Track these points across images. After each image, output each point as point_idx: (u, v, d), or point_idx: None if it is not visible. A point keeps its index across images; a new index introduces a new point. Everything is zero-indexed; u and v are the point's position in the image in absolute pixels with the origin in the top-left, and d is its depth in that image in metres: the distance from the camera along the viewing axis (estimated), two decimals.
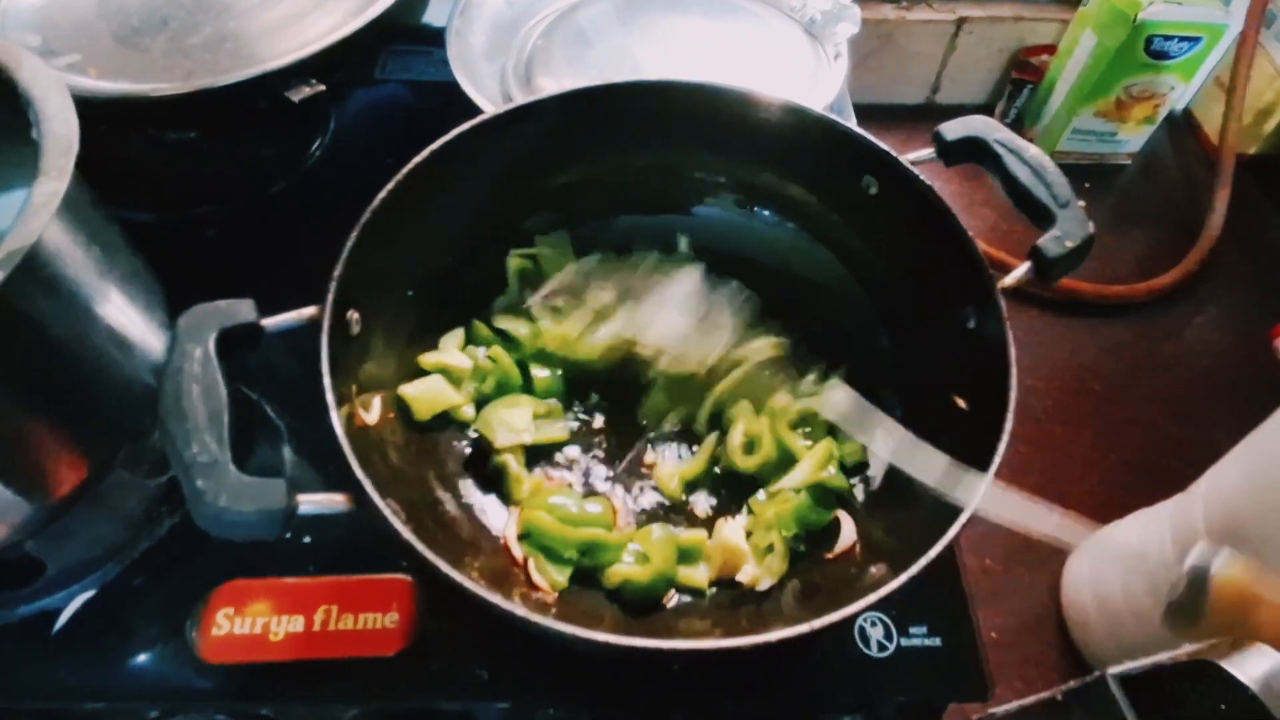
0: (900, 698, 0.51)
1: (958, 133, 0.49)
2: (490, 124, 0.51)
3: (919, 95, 1.14)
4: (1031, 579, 0.75)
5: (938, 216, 0.48)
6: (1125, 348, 0.95)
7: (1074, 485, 0.80)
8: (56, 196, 0.39)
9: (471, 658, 0.49)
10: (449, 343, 0.54)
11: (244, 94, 0.60)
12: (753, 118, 0.54)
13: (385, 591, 0.50)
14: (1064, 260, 0.44)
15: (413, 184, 0.48)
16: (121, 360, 0.47)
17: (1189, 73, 1.03)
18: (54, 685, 0.48)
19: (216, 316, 0.37)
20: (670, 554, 0.47)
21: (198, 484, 0.32)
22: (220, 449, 0.33)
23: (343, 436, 0.37)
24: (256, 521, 0.33)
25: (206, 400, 0.34)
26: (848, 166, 0.53)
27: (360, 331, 0.45)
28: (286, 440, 0.59)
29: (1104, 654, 0.65)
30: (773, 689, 0.50)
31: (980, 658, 0.50)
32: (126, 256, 0.49)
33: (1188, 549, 0.58)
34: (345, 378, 0.43)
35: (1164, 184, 1.10)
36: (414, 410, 0.51)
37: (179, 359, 0.35)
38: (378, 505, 0.35)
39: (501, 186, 0.55)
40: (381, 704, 0.50)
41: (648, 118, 0.56)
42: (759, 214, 0.59)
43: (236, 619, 0.49)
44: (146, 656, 0.49)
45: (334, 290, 0.41)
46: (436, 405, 0.52)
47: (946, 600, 0.52)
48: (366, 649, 0.48)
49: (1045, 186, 0.45)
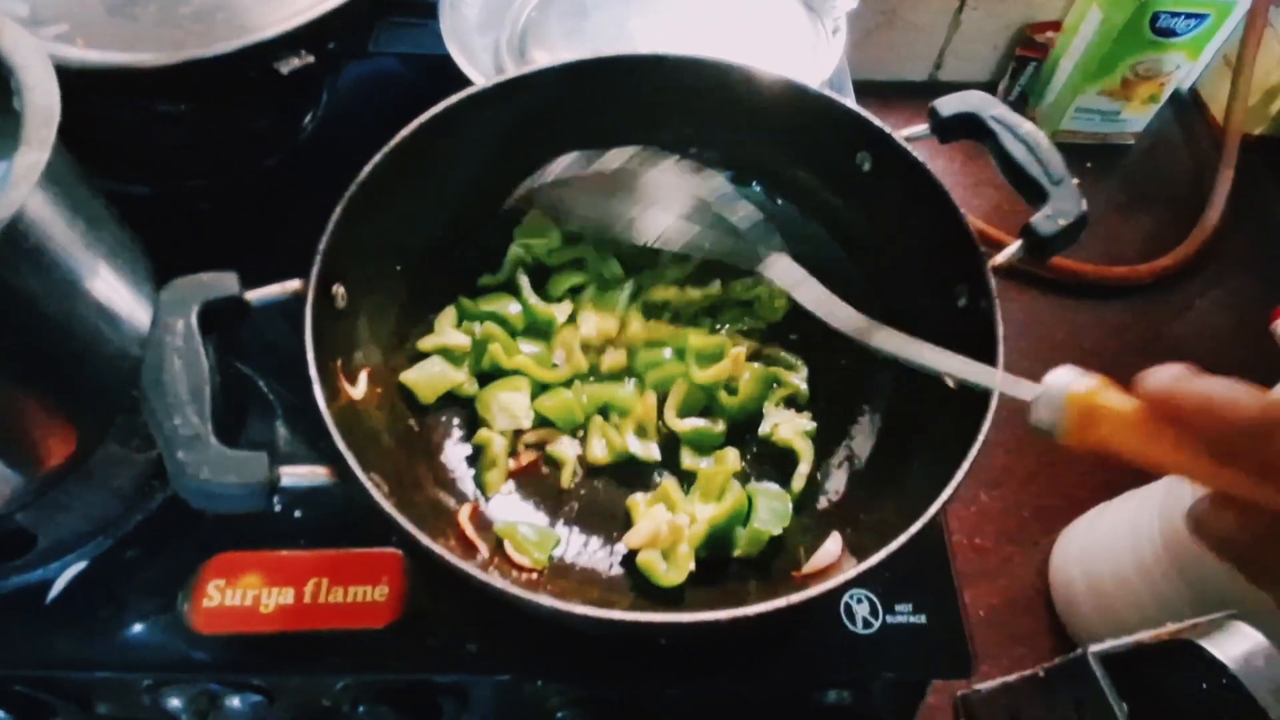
0: (886, 674, 0.51)
1: (953, 108, 0.48)
2: (481, 96, 0.51)
3: (922, 72, 1.12)
4: (1022, 558, 0.75)
5: (931, 193, 0.47)
6: (1126, 329, 0.94)
7: (1069, 467, 0.80)
8: (38, 167, 0.39)
9: (462, 631, 0.49)
10: (444, 323, 0.54)
11: (233, 65, 0.59)
12: (747, 92, 0.53)
13: (375, 565, 0.51)
14: (1056, 238, 0.43)
15: (401, 156, 0.47)
16: (109, 334, 0.47)
17: (1195, 51, 1.01)
18: (47, 655, 0.49)
19: (199, 289, 0.37)
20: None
21: (179, 456, 0.32)
22: (202, 422, 0.33)
23: (325, 409, 0.37)
24: (238, 494, 0.33)
25: (188, 374, 0.34)
26: (841, 142, 0.52)
27: (346, 306, 0.45)
28: (280, 415, 0.59)
29: (1091, 633, 0.66)
30: (762, 666, 0.50)
31: (965, 635, 0.50)
32: (113, 229, 0.49)
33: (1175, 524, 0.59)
34: (330, 352, 0.42)
35: (1168, 164, 1.09)
36: (418, 395, 0.51)
37: (160, 332, 0.35)
38: (359, 478, 0.35)
39: (493, 161, 0.54)
40: (371, 676, 0.50)
41: (641, 91, 0.55)
42: (751, 189, 0.59)
43: (228, 590, 0.50)
44: (139, 627, 0.49)
45: (319, 264, 0.41)
46: (440, 387, 0.52)
47: (932, 578, 0.52)
48: (356, 621, 0.49)
49: (1039, 163, 0.45)
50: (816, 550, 0.45)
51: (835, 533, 0.46)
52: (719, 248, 0.51)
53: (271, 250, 0.51)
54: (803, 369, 0.54)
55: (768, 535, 0.46)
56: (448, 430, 0.53)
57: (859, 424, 0.52)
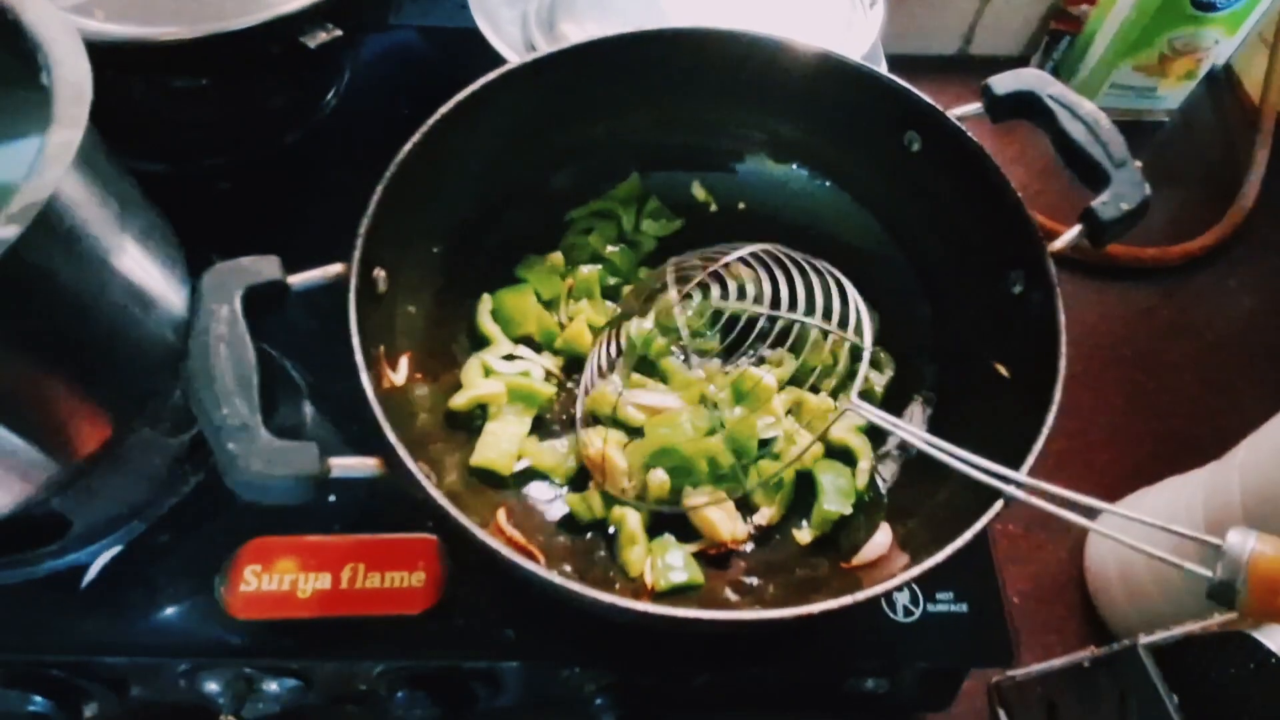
0: (925, 663, 0.51)
1: (1008, 86, 0.46)
2: (517, 73, 0.49)
3: (951, 45, 1.09)
4: (1054, 544, 0.74)
5: (985, 176, 0.46)
6: (1156, 312, 0.92)
7: (1100, 452, 0.79)
8: (71, 147, 0.38)
9: (497, 617, 0.49)
10: (472, 372, 0.51)
11: (258, 39, 0.57)
12: (789, 68, 0.52)
13: (411, 551, 0.50)
14: (1118, 224, 0.42)
15: (438, 137, 0.46)
16: (142, 317, 0.46)
17: (1234, 26, 0.98)
18: (83, 639, 0.49)
19: (241, 275, 0.36)
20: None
21: (229, 448, 0.31)
22: (250, 412, 0.32)
23: (374, 400, 0.36)
24: (290, 486, 0.32)
25: (234, 362, 0.33)
26: (889, 122, 0.51)
27: (387, 289, 0.44)
28: (307, 396, 0.59)
29: (1127, 621, 0.65)
30: (797, 653, 0.50)
31: (1006, 623, 0.50)
32: (143, 209, 0.48)
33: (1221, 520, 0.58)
34: (373, 338, 0.42)
35: (1202, 143, 1.06)
36: (499, 471, 0.49)
37: (204, 319, 0.34)
38: (410, 469, 0.34)
39: (527, 140, 0.53)
40: (408, 662, 0.50)
41: (678, 68, 0.53)
42: (796, 171, 0.57)
43: (264, 576, 0.49)
44: (174, 612, 0.49)
45: (360, 247, 0.40)
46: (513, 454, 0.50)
47: (974, 566, 0.51)
48: (393, 607, 0.49)
49: (1100, 145, 0.43)
50: (866, 542, 0.44)
51: (885, 524, 0.45)
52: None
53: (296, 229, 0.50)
54: (890, 371, 0.52)
55: (836, 516, 0.45)
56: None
57: (908, 414, 0.51)
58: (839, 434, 0.50)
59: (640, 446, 0.48)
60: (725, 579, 0.47)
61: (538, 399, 0.51)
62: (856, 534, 0.46)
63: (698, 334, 0.53)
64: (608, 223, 0.57)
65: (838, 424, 0.49)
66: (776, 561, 0.47)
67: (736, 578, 0.47)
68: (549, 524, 0.48)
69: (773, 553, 0.48)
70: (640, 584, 0.45)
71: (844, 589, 0.36)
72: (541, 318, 0.54)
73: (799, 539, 0.48)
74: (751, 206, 0.59)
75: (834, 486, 0.47)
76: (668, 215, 0.59)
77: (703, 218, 0.59)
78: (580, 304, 0.54)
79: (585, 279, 0.55)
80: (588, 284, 0.55)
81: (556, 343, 0.54)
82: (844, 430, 0.50)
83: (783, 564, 0.47)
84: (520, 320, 0.54)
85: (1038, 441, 0.37)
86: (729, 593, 0.45)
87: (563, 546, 0.47)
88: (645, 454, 0.48)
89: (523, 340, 0.54)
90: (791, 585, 0.45)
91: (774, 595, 0.45)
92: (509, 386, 0.50)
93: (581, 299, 0.55)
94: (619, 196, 0.58)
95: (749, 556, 0.48)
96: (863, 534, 0.45)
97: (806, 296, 0.48)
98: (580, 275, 0.55)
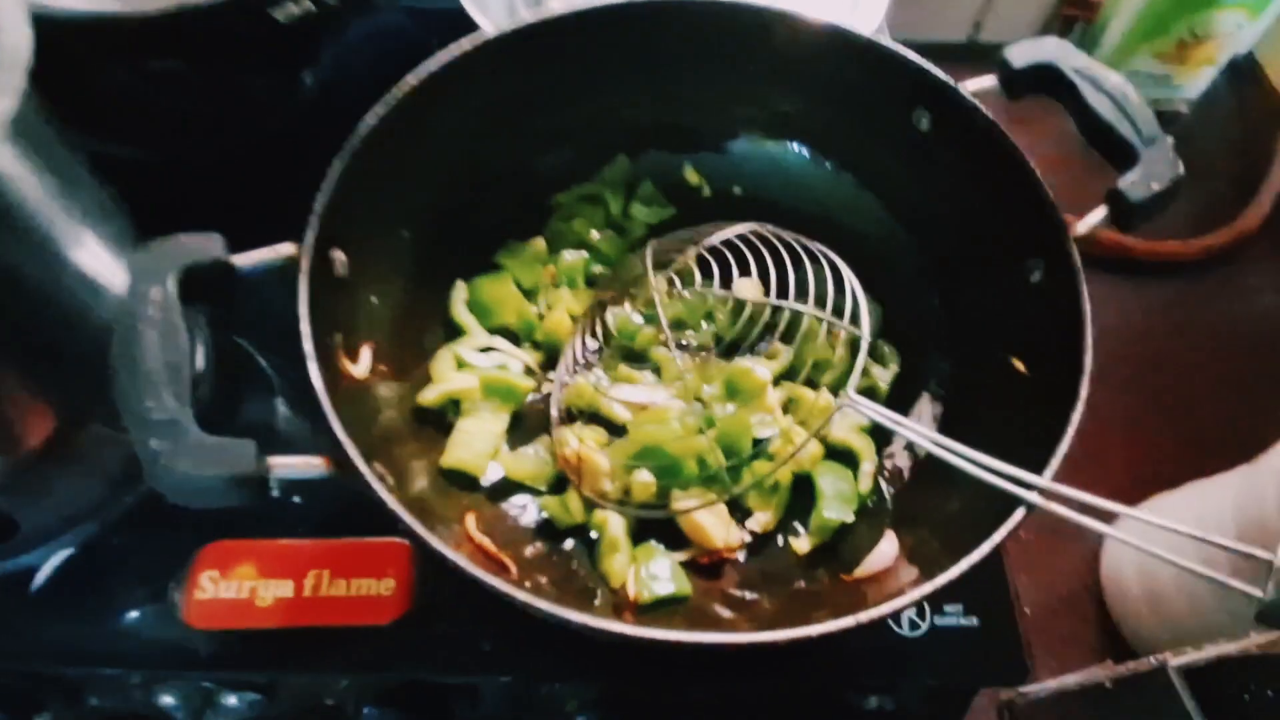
0: (933, 681, 0.47)
1: (1027, 58, 0.43)
2: (494, 44, 0.46)
3: (959, 33, 1.06)
4: (1067, 549, 0.71)
5: (1002, 155, 0.43)
6: (1174, 309, 0.89)
7: (1115, 454, 0.76)
8: (5, 117, 0.35)
9: (473, 628, 0.46)
10: (443, 365, 0.48)
11: (227, 15, 0.54)
12: (790, 41, 0.49)
13: (380, 556, 0.48)
14: (1147, 205, 0.39)
15: (407, 109, 0.43)
16: (91, 303, 0.44)
17: (1257, 10, 0.94)
18: (33, 647, 0.46)
19: (179, 253, 0.33)
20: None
21: (151, 444, 0.28)
22: (180, 405, 0.29)
23: (321, 391, 0.33)
24: (220, 487, 0.29)
25: (165, 349, 0.30)
26: (896, 98, 0.47)
27: (348, 274, 0.41)
28: (279, 392, 0.56)
29: (1149, 636, 0.62)
30: (794, 668, 0.47)
31: (1019, 638, 0.47)
32: (93, 190, 0.45)
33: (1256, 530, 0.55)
34: (329, 325, 0.39)
35: (1222, 134, 1.03)
36: (471, 473, 0.46)
37: (132, 301, 0.31)
38: (361, 470, 0.31)
39: (508, 117, 0.50)
40: (377, 675, 0.48)
41: (671, 41, 0.50)
42: (795, 151, 0.54)
43: (222, 582, 0.47)
44: (130, 619, 0.47)
45: (315, 226, 0.37)
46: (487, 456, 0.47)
47: (985, 577, 0.48)
48: (360, 617, 0.46)
49: (1129, 121, 0.40)
50: (870, 552, 0.41)
51: (890, 532, 0.42)
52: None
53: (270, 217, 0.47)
54: (894, 365, 0.49)
55: (836, 524, 0.42)
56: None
57: (916, 413, 0.48)
58: (840, 433, 0.46)
59: (623, 445, 0.45)
60: (716, 590, 0.44)
61: (516, 394, 0.48)
62: (859, 543, 0.43)
63: (682, 324, 0.49)
64: (595, 207, 0.54)
65: (839, 422, 0.46)
66: (772, 572, 0.44)
67: (728, 589, 0.44)
68: (523, 530, 0.45)
69: (768, 562, 0.45)
70: (622, 595, 0.42)
71: (846, 604, 0.33)
72: (521, 308, 0.51)
73: (796, 548, 0.45)
74: (748, 190, 0.56)
75: (834, 491, 0.43)
76: (660, 201, 0.56)
77: (696, 202, 0.56)
78: (561, 292, 0.51)
79: (569, 266, 0.51)
80: (572, 272, 0.52)
81: (536, 334, 0.51)
82: (845, 429, 0.47)
83: (779, 575, 0.44)
84: (498, 310, 0.50)
85: (1062, 443, 0.34)
86: (719, 607, 0.42)
87: (539, 555, 0.44)
88: (629, 453, 0.44)
89: (500, 332, 0.51)
90: (788, 599, 0.42)
91: (769, 610, 0.42)
92: (484, 381, 0.47)
93: (563, 288, 0.51)
94: (607, 179, 0.55)
95: (742, 566, 0.45)
96: (866, 543, 0.42)
97: (798, 282, 0.44)
98: (564, 262, 0.52)
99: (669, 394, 0.47)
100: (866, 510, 0.45)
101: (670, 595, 0.42)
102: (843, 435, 0.46)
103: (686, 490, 0.45)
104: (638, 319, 0.49)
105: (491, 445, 0.46)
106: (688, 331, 0.49)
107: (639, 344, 0.49)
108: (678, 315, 0.49)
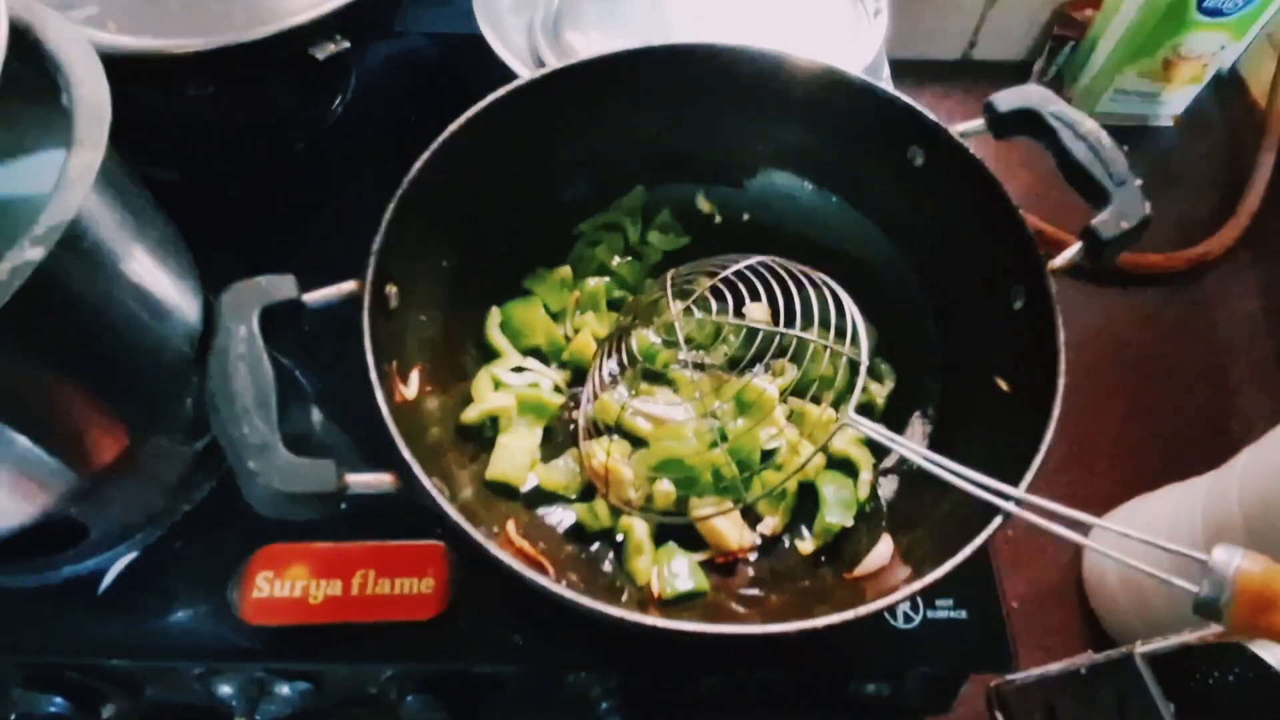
0: (925, 668, 0.51)
1: (1011, 104, 0.47)
2: (525, 89, 0.50)
3: (954, 50, 1.09)
4: (1055, 547, 0.75)
5: (987, 191, 0.46)
6: (1160, 318, 0.93)
7: (1102, 458, 0.80)
8: (93, 169, 0.38)
9: (505, 623, 0.49)
10: (482, 386, 0.52)
11: (268, 51, 0.58)
12: (793, 83, 0.52)
13: (420, 557, 0.51)
14: (1118, 242, 0.43)
15: (448, 153, 0.46)
16: (157, 328, 0.46)
17: (1241, 30, 0.98)
18: (100, 643, 0.50)
19: (258, 294, 0.37)
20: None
21: (249, 466, 0.32)
22: (270, 430, 0.33)
23: (389, 417, 0.37)
24: (308, 503, 0.33)
25: (254, 380, 0.34)
26: (892, 136, 0.51)
27: (398, 305, 0.45)
28: (314, 402, 0.59)
29: (1126, 628, 0.66)
30: (801, 658, 0.50)
31: (1006, 629, 0.50)
32: (158, 222, 0.48)
33: (1220, 530, 0.59)
34: (385, 353, 0.42)
35: (1207, 148, 1.06)
36: (513, 484, 0.50)
37: (224, 339, 0.35)
38: (426, 487, 0.35)
39: (538, 154, 0.53)
40: (418, 666, 0.51)
41: (684, 82, 0.54)
42: (800, 184, 0.58)
43: (276, 582, 0.50)
44: (189, 617, 0.50)
45: (374, 265, 0.41)
46: (526, 468, 0.51)
47: (973, 573, 0.52)
48: (403, 613, 0.49)
49: (1101, 164, 0.44)
50: (868, 553, 0.45)
51: (886, 535, 0.46)
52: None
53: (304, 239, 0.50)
54: (890, 382, 0.53)
55: (838, 528, 0.46)
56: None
57: (910, 427, 0.52)
58: (840, 445, 0.50)
59: (645, 457, 0.49)
60: (730, 587, 0.47)
61: (547, 410, 0.52)
62: (858, 544, 0.47)
63: (698, 347, 0.53)
64: (615, 235, 0.58)
65: (840, 436, 0.50)
66: (781, 571, 0.48)
67: (741, 586, 0.47)
68: (557, 534, 0.49)
69: (777, 562, 0.49)
70: (647, 592, 0.46)
71: (847, 600, 0.37)
72: (550, 330, 0.55)
73: (802, 549, 0.49)
74: (756, 218, 0.59)
75: (836, 498, 0.48)
76: (677, 230, 0.59)
77: (708, 230, 0.59)
78: (585, 316, 0.55)
79: (592, 291, 0.56)
80: (595, 296, 0.56)
81: (563, 355, 0.55)
82: (845, 442, 0.51)
83: (787, 573, 0.48)
84: (529, 332, 0.54)
85: (1036, 458, 0.38)
86: (733, 602, 0.46)
87: (571, 556, 0.48)
88: (650, 465, 0.49)
89: (531, 352, 0.55)
90: (795, 594, 0.46)
91: (778, 605, 0.45)
92: (519, 399, 0.51)
93: (588, 311, 0.55)
94: (624, 208, 0.58)
95: (753, 565, 0.49)
96: (864, 545, 0.46)
97: (803, 309, 0.48)
98: (587, 288, 0.56)
99: (686, 409, 0.51)
100: (865, 515, 0.49)
101: (690, 591, 0.46)
102: (843, 447, 0.50)
103: (703, 498, 0.49)
104: (657, 341, 0.53)
105: (529, 458, 0.50)
106: (702, 352, 0.54)
107: (658, 364, 0.53)
108: (693, 337, 0.53)
